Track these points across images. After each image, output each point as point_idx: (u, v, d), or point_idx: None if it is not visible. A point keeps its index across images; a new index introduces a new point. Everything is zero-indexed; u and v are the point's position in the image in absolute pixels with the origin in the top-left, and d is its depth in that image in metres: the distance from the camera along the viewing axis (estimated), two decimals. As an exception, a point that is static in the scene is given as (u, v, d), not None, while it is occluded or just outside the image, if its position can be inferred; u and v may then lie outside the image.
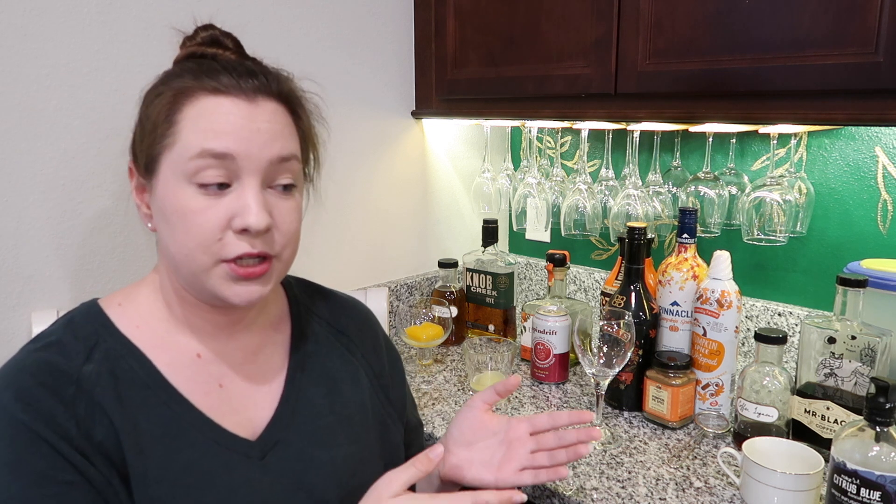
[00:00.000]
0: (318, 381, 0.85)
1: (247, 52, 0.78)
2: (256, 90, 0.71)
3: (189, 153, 0.68)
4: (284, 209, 0.73)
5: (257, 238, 0.70)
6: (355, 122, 1.52)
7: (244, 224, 0.69)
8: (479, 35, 1.45)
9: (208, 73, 0.70)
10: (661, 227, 1.47)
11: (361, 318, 0.95)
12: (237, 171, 0.69)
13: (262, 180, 0.71)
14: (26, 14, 1.03)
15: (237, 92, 0.70)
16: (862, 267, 1.09)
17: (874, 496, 0.81)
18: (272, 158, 0.71)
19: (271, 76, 0.73)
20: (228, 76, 0.70)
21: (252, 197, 0.69)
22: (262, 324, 0.83)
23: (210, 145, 0.68)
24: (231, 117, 0.69)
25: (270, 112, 0.72)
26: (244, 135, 0.69)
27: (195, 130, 0.69)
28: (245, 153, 0.69)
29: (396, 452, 0.91)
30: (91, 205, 1.13)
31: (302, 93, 0.78)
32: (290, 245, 0.75)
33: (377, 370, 0.92)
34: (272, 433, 0.78)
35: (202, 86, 0.70)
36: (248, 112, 0.70)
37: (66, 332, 0.74)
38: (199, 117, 0.69)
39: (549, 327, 1.32)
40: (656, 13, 1.16)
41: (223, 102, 0.69)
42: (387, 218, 1.63)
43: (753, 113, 1.11)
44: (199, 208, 0.69)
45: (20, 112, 1.04)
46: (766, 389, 1.05)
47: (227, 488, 0.73)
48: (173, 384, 0.74)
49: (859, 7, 0.96)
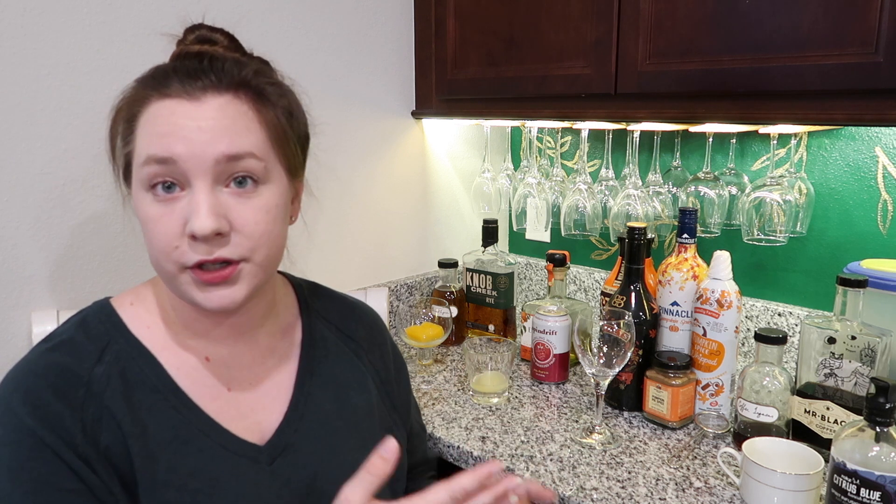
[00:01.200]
0: (327, 387, 0.84)
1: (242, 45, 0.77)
2: (204, 88, 0.68)
3: (140, 160, 0.68)
4: (246, 210, 0.69)
5: (210, 243, 0.67)
6: (355, 123, 1.52)
7: (191, 229, 0.66)
8: (479, 35, 1.45)
9: (161, 78, 0.69)
10: (661, 227, 1.47)
11: (370, 324, 0.95)
12: (185, 174, 0.67)
13: (213, 181, 0.67)
14: (26, 14, 1.03)
15: (181, 93, 0.67)
16: (862, 267, 1.09)
17: (874, 496, 0.81)
18: (218, 157, 0.66)
19: (226, 69, 0.69)
20: (176, 78, 0.68)
21: (200, 200, 0.66)
22: (271, 328, 0.83)
23: (154, 150, 0.67)
24: (173, 118, 0.67)
25: (216, 108, 0.68)
26: (184, 134, 0.66)
27: (143, 137, 0.68)
28: (188, 153, 0.66)
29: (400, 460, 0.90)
30: (91, 205, 1.13)
31: (275, 84, 0.74)
32: (263, 247, 0.70)
33: (383, 376, 0.92)
34: (281, 438, 0.78)
35: (154, 91, 0.68)
36: (191, 112, 0.67)
37: (79, 332, 0.74)
38: (146, 123, 0.68)
39: (549, 327, 1.32)
40: (656, 13, 1.16)
41: (167, 105, 0.67)
42: (387, 218, 1.63)
43: (753, 113, 1.11)
44: (157, 216, 0.68)
45: (20, 112, 1.04)
46: (766, 389, 1.05)
47: (234, 493, 0.73)
48: (182, 388, 0.74)
49: (859, 7, 0.96)
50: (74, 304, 1.13)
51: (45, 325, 1.06)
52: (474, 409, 1.24)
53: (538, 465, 1.04)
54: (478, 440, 1.12)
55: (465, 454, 1.10)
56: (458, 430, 1.16)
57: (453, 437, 1.13)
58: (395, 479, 0.89)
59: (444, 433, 1.14)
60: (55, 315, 1.07)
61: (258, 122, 0.70)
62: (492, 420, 1.20)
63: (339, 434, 0.82)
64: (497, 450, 1.09)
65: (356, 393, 0.87)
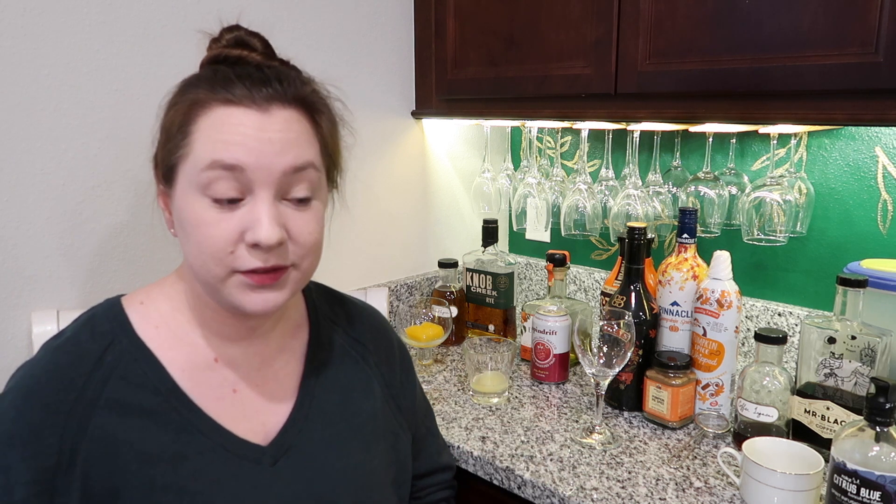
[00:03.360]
0: (332, 389, 0.84)
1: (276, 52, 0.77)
2: (270, 99, 0.69)
3: (201, 164, 0.68)
4: (301, 221, 0.71)
5: (270, 252, 0.69)
6: (355, 123, 1.51)
7: (255, 239, 0.67)
8: (479, 35, 1.45)
9: (222, 83, 0.69)
10: (661, 227, 1.47)
11: (377, 327, 0.95)
12: (249, 184, 0.68)
13: (276, 192, 0.69)
14: (26, 14, 1.03)
15: (249, 102, 0.68)
16: (862, 267, 1.09)
17: (874, 496, 0.81)
18: (285, 169, 0.69)
19: (288, 82, 0.71)
20: (241, 86, 0.69)
21: (264, 211, 0.68)
22: (281, 330, 0.83)
23: (220, 156, 0.67)
24: (242, 128, 0.67)
25: (283, 121, 0.69)
26: (254, 145, 0.67)
27: (207, 142, 0.68)
28: (256, 164, 0.67)
29: (405, 462, 0.91)
30: (91, 205, 1.13)
31: (323, 97, 0.76)
32: (310, 256, 0.73)
33: (389, 379, 0.92)
34: (285, 439, 0.78)
35: (215, 97, 0.68)
36: (260, 122, 0.68)
37: (84, 330, 0.74)
38: (210, 129, 0.68)
39: (549, 327, 1.32)
40: (656, 13, 1.16)
41: (234, 113, 0.68)
42: (387, 218, 1.63)
43: (753, 113, 1.11)
44: (212, 220, 0.68)
45: (20, 112, 1.04)
46: (766, 389, 1.05)
47: (235, 495, 0.73)
48: (185, 389, 0.74)
49: (859, 7, 0.96)
50: (74, 304, 1.13)
51: (45, 325, 1.06)
52: (474, 409, 1.24)
53: (538, 465, 1.04)
54: (478, 440, 1.12)
55: (465, 454, 1.10)
56: (458, 430, 1.16)
57: (453, 437, 1.13)
58: (400, 484, 0.89)
59: (444, 433, 1.14)
60: (55, 315, 1.07)
61: (315, 137, 0.73)
62: (492, 420, 1.20)
63: (343, 436, 0.82)
64: (497, 450, 1.09)
65: (361, 396, 0.87)
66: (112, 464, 0.69)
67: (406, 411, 0.94)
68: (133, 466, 0.69)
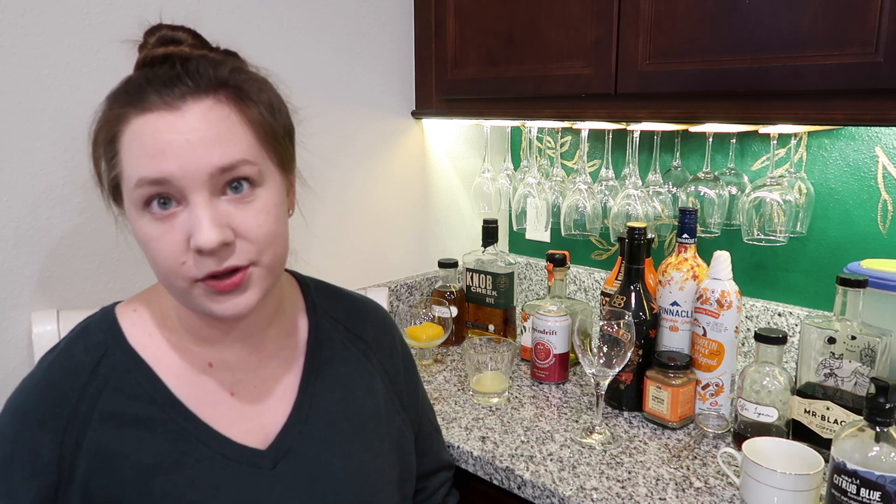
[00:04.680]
0: (333, 388, 0.83)
1: (207, 39, 0.74)
2: (183, 96, 0.65)
3: (131, 183, 0.65)
4: (247, 216, 0.67)
5: (218, 254, 0.65)
6: (355, 123, 1.52)
7: (196, 245, 0.64)
8: (479, 35, 1.45)
9: (136, 91, 0.66)
10: (661, 227, 1.47)
11: (378, 323, 0.93)
12: (182, 191, 0.65)
13: (210, 192, 0.65)
14: (26, 14, 1.03)
15: (161, 106, 0.64)
16: (862, 267, 1.09)
17: (874, 496, 0.81)
18: (212, 171, 0.64)
19: (200, 71, 0.66)
20: (151, 90, 0.65)
21: (201, 215, 0.64)
22: (278, 328, 0.82)
23: (144, 173, 0.64)
24: (158, 135, 0.64)
25: (201, 116, 0.65)
26: (175, 151, 0.63)
27: (131, 159, 0.65)
28: (181, 171, 0.64)
29: (409, 460, 0.90)
30: (91, 204, 1.13)
31: (247, 77, 0.70)
32: (268, 249, 0.69)
33: (392, 376, 0.90)
34: (284, 440, 0.77)
35: (132, 108, 0.65)
36: (174, 124, 0.64)
37: (78, 342, 0.74)
38: (131, 144, 0.65)
39: (549, 327, 1.32)
40: (656, 13, 1.16)
41: (149, 120, 0.64)
42: (387, 218, 1.63)
43: (753, 113, 1.11)
44: (157, 235, 0.66)
45: (20, 112, 1.04)
46: (766, 389, 1.05)
47: (235, 501, 0.72)
48: (180, 398, 0.74)
49: (859, 7, 0.96)
50: (74, 305, 1.13)
51: (45, 325, 1.06)
52: (474, 409, 1.24)
53: (538, 465, 1.04)
54: (478, 440, 1.12)
55: (465, 454, 1.10)
56: (458, 430, 1.16)
57: (453, 437, 1.13)
58: (404, 481, 0.88)
59: (444, 433, 1.14)
60: (55, 315, 1.07)
61: (244, 124, 0.68)
62: (492, 420, 1.20)
63: (344, 436, 0.81)
64: (497, 450, 1.09)
65: (363, 394, 0.85)
66: (111, 476, 0.69)
67: (410, 408, 0.92)
68: (131, 477, 0.69)
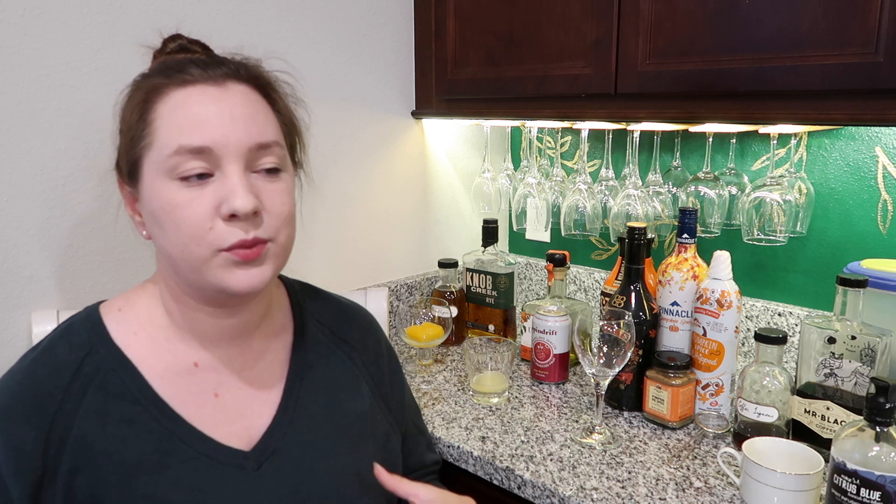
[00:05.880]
0: (318, 390, 0.83)
1: (218, 53, 0.78)
2: (225, 76, 0.70)
3: (167, 151, 0.67)
4: (273, 191, 0.71)
5: (248, 222, 0.69)
6: (355, 123, 1.52)
7: (231, 208, 0.67)
8: (479, 35, 1.45)
9: (175, 67, 0.70)
10: (661, 227, 1.47)
11: (364, 326, 0.93)
12: (217, 161, 0.68)
13: (245, 165, 0.69)
14: (26, 14, 1.03)
15: (205, 79, 0.69)
16: (862, 267, 1.09)
17: (874, 496, 0.81)
18: (251, 146, 0.69)
19: (237, 64, 0.73)
20: (195, 66, 0.70)
21: (237, 181, 0.68)
22: (265, 330, 0.82)
23: (186, 141, 0.67)
24: (202, 106, 0.68)
25: (241, 95, 0.70)
26: (217, 122, 0.68)
27: (170, 127, 0.68)
28: (223, 143, 0.68)
29: (396, 462, 0.89)
30: (90, 205, 1.13)
31: (273, 75, 0.76)
32: (285, 228, 0.73)
33: (377, 379, 0.91)
34: (269, 442, 0.77)
35: (171, 81, 0.69)
36: (219, 97, 0.69)
37: (62, 341, 0.74)
38: (171, 113, 0.68)
39: (549, 327, 1.32)
40: (656, 13, 1.16)
41: (192, 93, 0.69)
42: (387, 218, 1.63)
43: (753, 113, 1.11)
44: (185, 201, 0.68)
45: (20, 112, 1.04)
46: (766, 389, 1.05)
47: (218, 502, 0.72)
48: (164, 398, 0.73)
49: (859, 7, 0.96)
50: (74, 304, 1.13)
51: (45, 325, 1.06)
52: (474, 409, 1.24)
53: (538, 465, 1.04)
54: (478, 440, 1.12)
55: (465, 454, 1.10)
56: (458, 430, 1.16)
57: (453, 437, 1.13)
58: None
59: (444, 433, 1.14)
60: (55, 315, 1.07)
61: (273, 113, 0.74)
62: (492, 420, 1.20)
63: (330, 438, 0.81)
64: (497, 450, 1.09)
65: (348, 397, 0.85)
66: (94, 475, 0.69)
67: (395, 411, 0.93)
68: (114, 477, 0.69)
